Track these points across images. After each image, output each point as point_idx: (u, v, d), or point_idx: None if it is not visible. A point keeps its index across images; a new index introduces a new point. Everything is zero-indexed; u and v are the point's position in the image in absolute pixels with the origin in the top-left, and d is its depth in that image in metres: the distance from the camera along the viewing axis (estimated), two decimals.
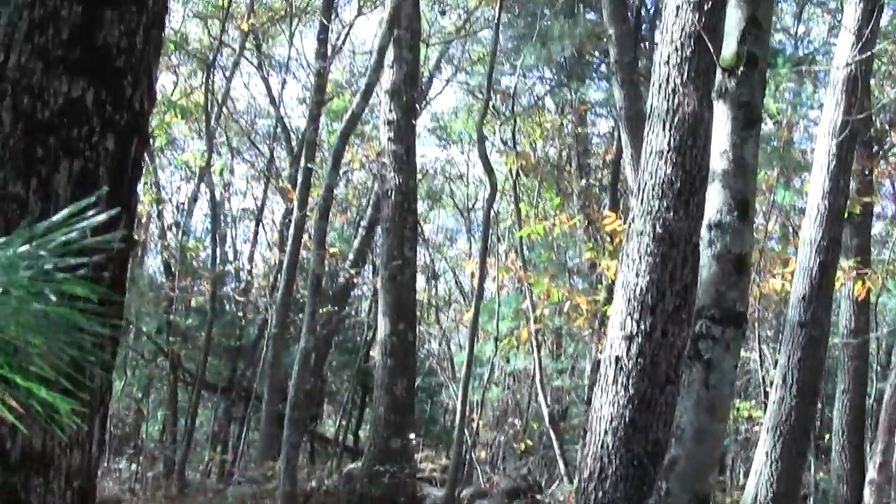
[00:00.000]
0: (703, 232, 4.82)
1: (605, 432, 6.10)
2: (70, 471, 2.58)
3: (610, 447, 6.07)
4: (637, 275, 6.17)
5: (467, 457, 17.95)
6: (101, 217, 1.41)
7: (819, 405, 22.23)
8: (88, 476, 2.67)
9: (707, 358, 4.54)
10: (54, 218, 1.41)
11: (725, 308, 4.60)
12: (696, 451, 4.46)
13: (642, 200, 6.26)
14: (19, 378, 1.32)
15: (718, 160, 4.78)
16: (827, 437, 19.35)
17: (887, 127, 18.51)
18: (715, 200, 4.77)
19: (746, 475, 16.28)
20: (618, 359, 6.15)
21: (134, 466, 19.27)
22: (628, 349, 6.11)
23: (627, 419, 6.04)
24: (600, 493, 6.08)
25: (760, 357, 19.64)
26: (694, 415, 4.49)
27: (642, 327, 6.09)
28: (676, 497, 4.41)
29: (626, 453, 6.02)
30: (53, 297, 1.36)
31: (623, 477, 6.01)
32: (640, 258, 6.17)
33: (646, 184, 6.25)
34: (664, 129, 6.29)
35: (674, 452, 4.51)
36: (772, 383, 13.15)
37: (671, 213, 6.10)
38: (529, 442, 20.63)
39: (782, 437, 12.44)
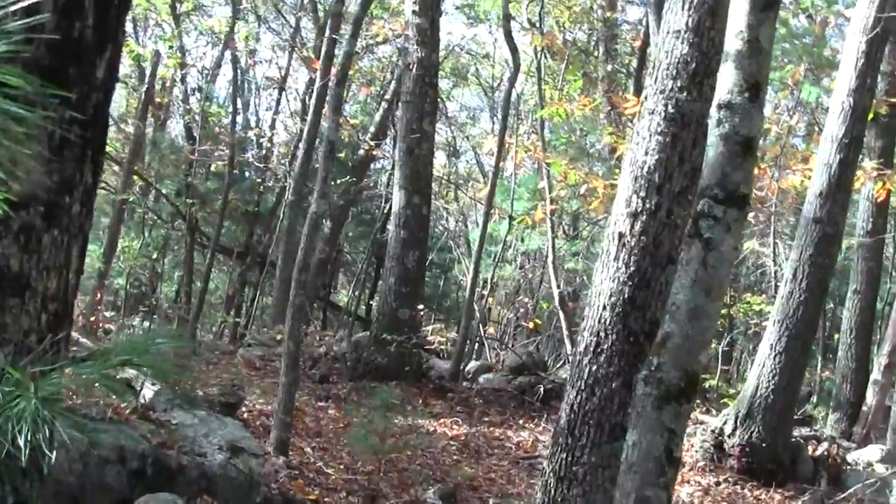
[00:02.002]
0: (713, 111, 4.77)
1: (604, 307, 6.12)
2: (46, 294, 2.60)
3: (607, 322, 6.09)
4: (646, 153, 6.12)
5: (476, 332, 18.10)
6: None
7: (830, 304, 22.33)
8: (65, 302, 2.69)
9: (707, 237, 4.52)
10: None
11: (729, 189, 4.56)
12: (690, 328, 4.47)
13: (656, 79, 6.18)
14: None
15: (733, 41, 4.71)
16: (836, 336, 19.39)
17: None
18: (727, 81, 4.71)
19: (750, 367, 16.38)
20: (621, 235, 6.14)
21: (147, 324, 19.52)
22: (632, 226, 6.09)
23: (626, 296, 6.04)
24: (594, 367, 6.12)
25: (774, 252, 19.63)
26: (690, 293, 4.49)
27: (647, 205, 6.06)
28: (667, 372, 4.44)
29: (623, 329, 6.04)
30: None
31: (618, 352, 6.05)
32: (649, 136, 6.11)
33: (661, 63, 6.17)
34: (683, 7, 6.18)
35: (667, 329, 4.52)
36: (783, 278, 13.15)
37: (684, 94, 6.02)
38: (538, 321, 20.78)
39: (788, 330, 12.49)
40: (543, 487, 6.31)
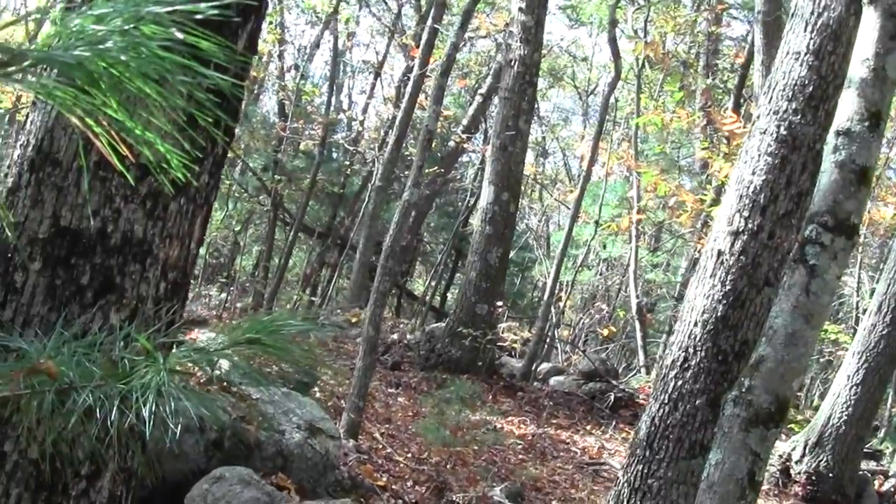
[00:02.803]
0: (830, 137, 4.68)
1: (696, 323, 6.05)
2: (167, 262, 2.62)
3: (697, 338, 6.02)
4: (753, 173, 6.03)
5: (550, 334, 18.05)
6: None
7: None
8: (185, 272, 2.70)
9: (812, 264, 4.44)
10: None
11: (840, 217, 4.49)
12: (786, 353, 4.40)
13: (771, 99, 6.08)
14: (131, 123, 1.29)
15: (858, 67, 4.62)
16: None
17: None
18: (848, 108, 4.62)
19: (822, 397, 16.18)
20: (720, 253, 6.06)
21: (224, 295, 19.68)
22: (732, 245, 6.01)
23: (719, 314, 5.96)
24: (679, 382, 6.05)
25: (858, 282, 19.36)
26: (790, 318, 4.41)
27: (750, 225, 5.97)
28: (758, 396, 4.37)
29: (713, 347, 5.96)
30: (177, 34, 1.31)
31: (705, 370, 5.97)
32: (759, 156, 6.03)
33: (777, 83, 6.07)
34: (805, 30, 6.08)
35: (762, 352, 4.45)
36: (865, 310, 12.97)
37: (798, 116, 5.92)
38: (613, 329, 20.67)
39: (867, 363, 12.34)
40: (616, 497, 6.26)
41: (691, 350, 6.03)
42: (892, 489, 12.75)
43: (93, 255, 2.50)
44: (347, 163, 22.48)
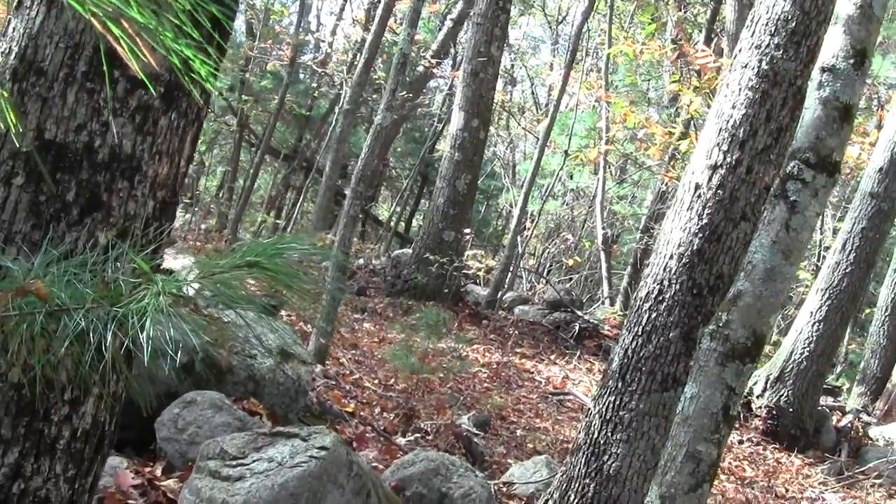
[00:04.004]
0: (815, 74, 4.63)
1: (671, 256, 6.02)
2: (156, 180, 2.53)
3: (672, 271, 5.99)
4: (733, 107, 5.98)
5: (516, 263, 18.06)
6: None
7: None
8: (174, 190, 2.62)
9: (793, 200, 4.41)
10: None
11: (822, 154, 4.45)
12: (764, 289, 4.38)
13: (753, 33, 6.01)
14: (158, 24, 1.21)
15: (845, 4, 4.57)
16: (867, 311, 19.27)
17: None
18: (833, 45, 4.57)
19: (782, 334, 16.34)
20: (697, 186, 6.02)
21: (188, 216, 19.55)
22: (710, 178, 5.97)
23: (695, 247, 5.93)
24: (653, 315, 6.03)
25: (822, 221, 19.46)
26: (769, 253, 4.39)
27: (728, 160, 5.93)
28: (735, 330, 4.36)
29: (688, 280, 5.94)
30: None
31: (680, 303, 5.95)
32: (739, 90, 5.97)
33: (760, 17, 6.00)
34: None
35: (740, 286, 4.43)
36: (828, 248, 13.05)
37: (780, 52, 5.86)
38: (578, 259, 20.72)
39: (830, 300, 12.46)
40: (587, 428, 6.27)
41: (666, 283, 6.00)
42: (850, 424, 12.92)
43: (79, 171, 2.41)
44: (315, 85, 22.24)
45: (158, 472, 5.11)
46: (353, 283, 14.88)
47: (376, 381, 9.44)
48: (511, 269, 17.20)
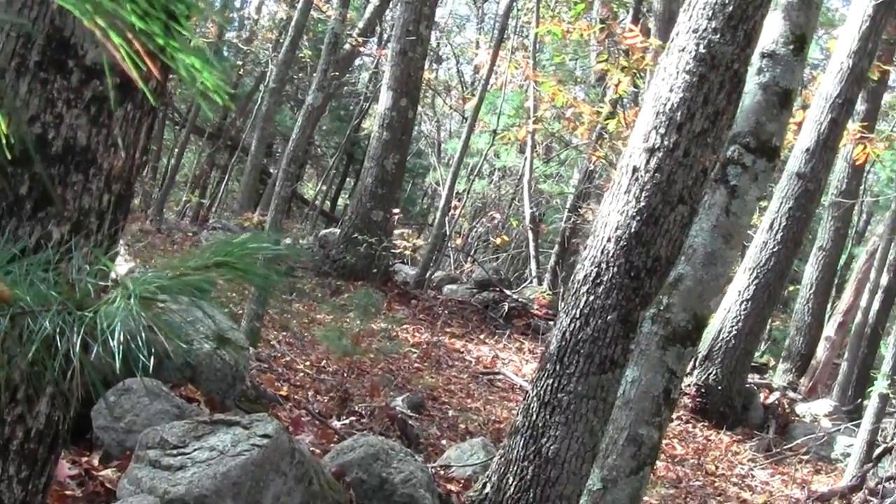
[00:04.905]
0: (755, 59, 4.67)
1: (609, 239, 6.03)
2: (111, 173, 2.46)
3: (610, 254, 6.01)
4: (671, 90, 5.99)
5: (444, 242, 18.07)
6: None
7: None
8: (129, 182, 2.55)
9: (733, 184, 4.45)
10: None
11: (762, 139, 4.49)
12: (704, 272, 4.41)
13: (691, 17, 6.03)
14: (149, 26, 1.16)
15: None
16: (791, 288, 19.58)
17: None
18: (773, 30, 4.61)
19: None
20: (635, 169, 6.03)
21: None
22: (647, 161, 5.98)
23: (633, 230, 5.95)
24: (591, 297, 6.05)
25: None
26: (709, 237, 4.42)
27: (665, 143, 5.95)
28: (675, 314, 4.38)
29: (625, 263, 5.96)
30: None
31: (617, 285, 5.97)
32: (677, 74, 5.99)
33: (697, 1, 6.03)
34: None
35: (681, 270, 4.45)
36: (755, 227, 13.21)
37: (717, 35, 5.88)
38: (506, 238, 20.77)
39: (758, 279, 12.61)
40: (525, 411, 6.28)
41: (604, 266, 6.02)
42: (777, 401, 13.12)
43: (32, 164, 2.33)
44: (240, 62, 22.03)
45: (96, 462, 5.02)
46: (280, 263, 14.75)
47: (308, 364, 9.39)
48: (439, 248, 17.20)
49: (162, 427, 4.75)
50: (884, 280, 16.49)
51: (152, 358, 1.72)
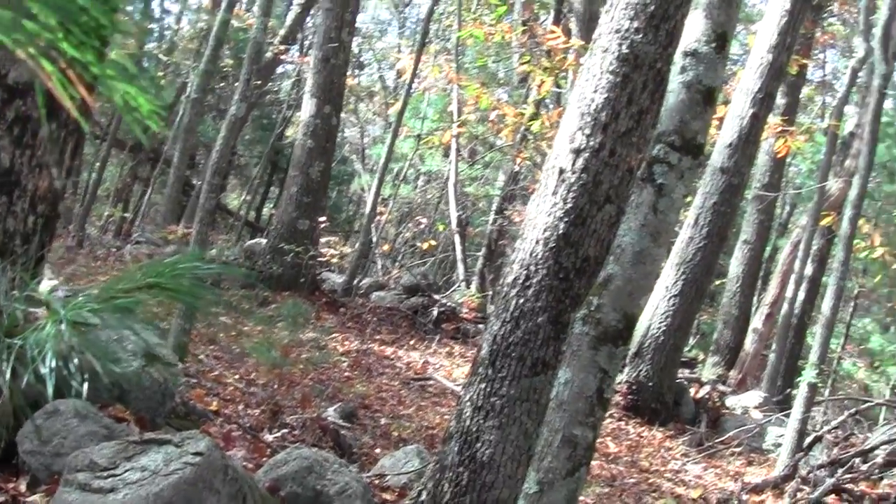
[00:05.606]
0: (678, 58, 4.70)
1: (537, 241, 6.03)
2: (36, 194, 2.40)
3: (539, 256, 6.01)
4: (595, 90, 6.01)
5: (370, 249, 18.02)
6: None
7: None
8: (54, 204, 2.49)
9: (660, 183, 4.47)
10: None
11: (687, 137, 4.52)
12: (633, 272, 4.43)
13: (612, 18, 6.06)
14: (87, 56, 1.12)
15: None
16: (717, 282, 19.80)
17: None
18: (695, 29, 4.65)
19: None
20: (561, 170, 6.04)
21: None
22: (573, 162, 6.00)
23: (561, 231, 5.96)
24: (521, 300, 6.05)
25: None
26: (637, 236, 4.44)
27: (591, 143, 5.97)
28: (606, 314, 4.39)
29: (554, 265, 5.96)
30: None
31: (547, 287, 5.97)
32: (600, 74, 6.01)
33: (619, 1, 6.05)
34: None
35: (610, 270, 4.47)
36: (681, 223, 13.32)
37: (640, 35, 5.91)
38: (433, 242, 20.77)
39: (685, 275, 12.70)
40: (458, 416, 6.26)
41: (533, 268, 6.02)
42: (707, 395, 13.24)
43: None
44: (161, 73, 21.78)
45: (23, 488, 4.91)
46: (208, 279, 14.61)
47: (238, 377, 9.30)
48: (366, 255, 17.15)
49: (91, 449, 4.65)
50: (808, 270, 16.76)
51: (85, 384, 1.68)
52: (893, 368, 18.82)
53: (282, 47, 21.58)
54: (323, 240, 15.72)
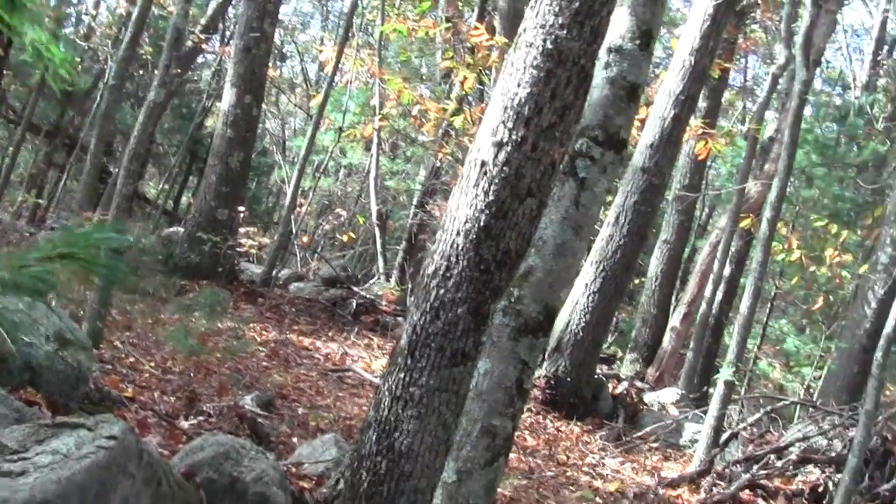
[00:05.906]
0: (602, 54, 4.72)
1: (458, 233, 6.04)
2: None
3: (459, 248, 6.02)
4: (518, 85, 6.03)
5: (289, 240, 17.94)
6: None
7: None
8: None
9: (582, 177, 4.49)
10: None
11: (610, 132, 4.54)
12: (555, 264, 4.44)
13: (538, 13, 6.07)
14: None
15: None
16: (637, 281, 20.00)
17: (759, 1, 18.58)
18: (620, 26, 4.67)
19: None
20: (483, 163, 6.05)
21: None
22: (496, 156, 6.01)
23: (482, 224, 5.97)
24: (441, 291, 6.05)
25: None
26: (559, 229, 4.45)
27: (514, 137, 5.98)
28: (527, 305, 4.40)
29: (475, 256, 5.98)
30: None
31: (467, 279, 5.98)
32: (524, 69, 6.02)
33: None
34: None
35: (531, 262, 4.48)
36: (601, 221, 13.44)
37: (564, 31, 5.94)
38: (353, 235, 20.74)
39: (605, 272, 12.81)
40: (376, 405, 6.24)
41: (453, 259, 6.02)
42: (625, 391, 13.37)
43: None
44: (78, 59, 21.45)
45: None
46: (125, 256, 14.43)
47: (153, 364, 9.18)
48: (285, 246, 17.07)
49: (0, 432, 4.57)
50: (726, 271, 17.00)
51: None
52: (808, 369, 19.15)
53: (203, 36, 21.37)
54: (242, 230, 15.60)
